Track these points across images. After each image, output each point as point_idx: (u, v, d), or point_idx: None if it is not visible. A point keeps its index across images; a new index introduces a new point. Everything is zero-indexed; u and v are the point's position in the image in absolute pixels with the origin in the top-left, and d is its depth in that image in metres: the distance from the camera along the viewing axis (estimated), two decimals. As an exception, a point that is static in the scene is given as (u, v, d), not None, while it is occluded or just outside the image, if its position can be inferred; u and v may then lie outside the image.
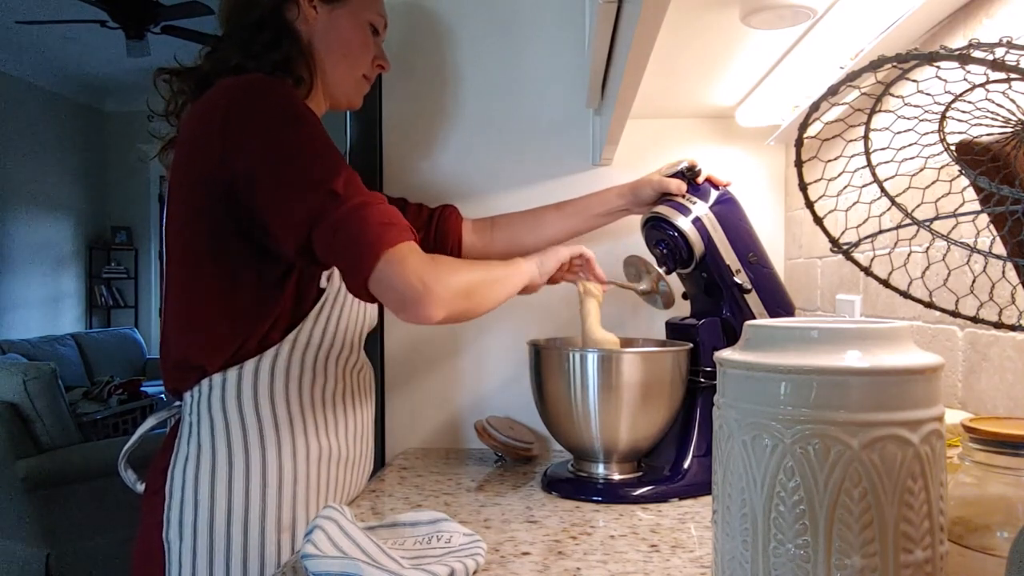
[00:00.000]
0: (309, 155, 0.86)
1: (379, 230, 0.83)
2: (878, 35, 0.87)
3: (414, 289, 0.82)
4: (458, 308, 0.87)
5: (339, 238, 0.83)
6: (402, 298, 0.83)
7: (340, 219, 0.82)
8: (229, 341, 0.92)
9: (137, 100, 6.70)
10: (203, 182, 0.89)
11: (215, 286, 0.91)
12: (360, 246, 0.82)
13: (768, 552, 0.52)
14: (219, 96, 0.90)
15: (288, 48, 0.98)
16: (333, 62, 1.04)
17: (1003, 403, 0.76)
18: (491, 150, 1.39)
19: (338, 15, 1.03)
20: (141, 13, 4.28)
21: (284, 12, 1.00)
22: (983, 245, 0.60)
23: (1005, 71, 0.48)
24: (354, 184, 0.85)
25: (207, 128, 0.89)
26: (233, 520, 0.90)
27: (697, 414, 1.10)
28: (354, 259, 0.83)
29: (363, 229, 0.82)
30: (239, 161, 0.86)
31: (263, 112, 0.87)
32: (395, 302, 0.84)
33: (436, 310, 0.84)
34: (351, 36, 1.05)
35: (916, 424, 0.50)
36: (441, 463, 1.27)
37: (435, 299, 0.83)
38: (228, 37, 1.00)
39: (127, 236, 7.05)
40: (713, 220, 1.12)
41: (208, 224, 0.90)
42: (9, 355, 4.70)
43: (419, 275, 0.83)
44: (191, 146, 0.91)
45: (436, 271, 0.85)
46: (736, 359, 0.55)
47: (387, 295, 0.84)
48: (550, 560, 0.81)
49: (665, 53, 0.96)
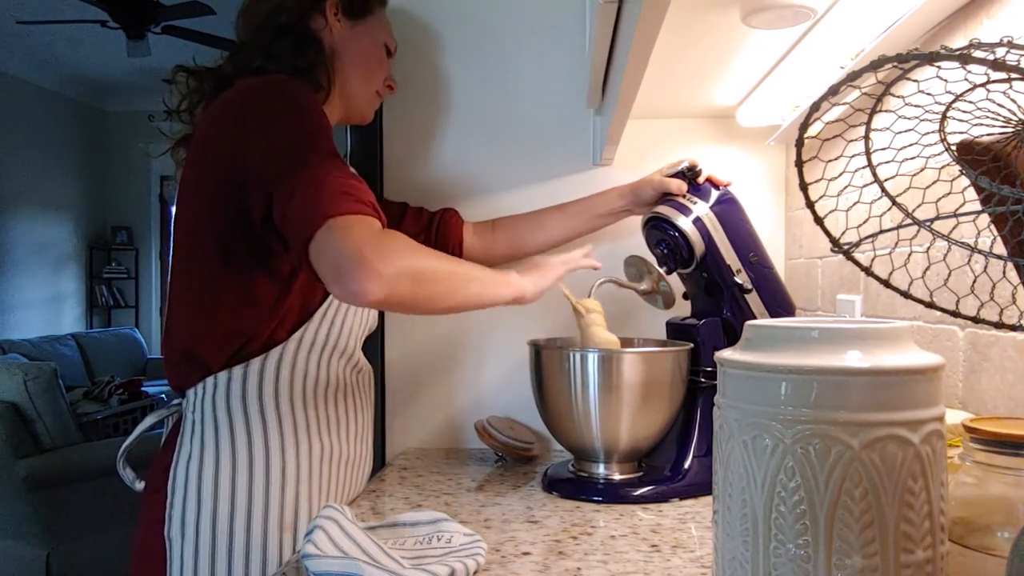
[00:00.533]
0: (294, 131, 0.86)
1: (332, 196, 0.78)
2: (879, 35, 0.86)
3: (349, 260, 0.75)
4: (401, 291, 0.78)
5: (292, 203, 0.80)
6: (336, 268, 0.77)
7: (296, 184, 0.80)
8: (236, 338, 0.93)
9: (137, 100, 6.70)
10: (217, 180, 0.90)
11: (227, 283, 0.92)
12: (308, 210, 0.78)
13: (769, 552, 0.52)
14: (237, 95, 0.91)
15: (313, 56, 1.01)
16: (352, 74, 1.07)
17: (1004, 403, 0.76)
18: (491, 151, 1.39)
19: (359, 31, 1.08)
20: (142, 13, 4.29)
21: (310, 22, 1.04)
22: (984, 245, 0.60)
23: (1006, 71, 0.48)
24: (328, 160, 0.83)
25: (224, 127, 0.90)
26: (235, 518, 0.90)
27: (698, 414, 1.10)
28: (300, 224, 0.79)
29: (317, 193, 0.79)
30: (251, 159, 0.86)
31: (278, 110, 0.88)
32: (329, 273, 0.78)
33: (371, 285, 0.75)
34: (370, 51, 1.09)
35: (917, 424, 0.50)
36: (441, 463, 1.27)
37: (371, 274, 0.75)
38: (252, 41, 1.02)
39: (127, 236, 7.05)
40: (714, 220, 1.12)
41: (221, 221, 0.91)
42: (10, 355, 4.70)
43: (358, 246, 0.76)
44: (207, 143, 0.93)
45: (381, 246, 0.78)
46: (737, 359, 0.55)
47: (322, 264, 0.78)
48: (551, 560, 0.81)
49: (665, 53, 0.96)
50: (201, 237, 0.93)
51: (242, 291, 0.92)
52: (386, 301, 0.78)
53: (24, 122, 5.99)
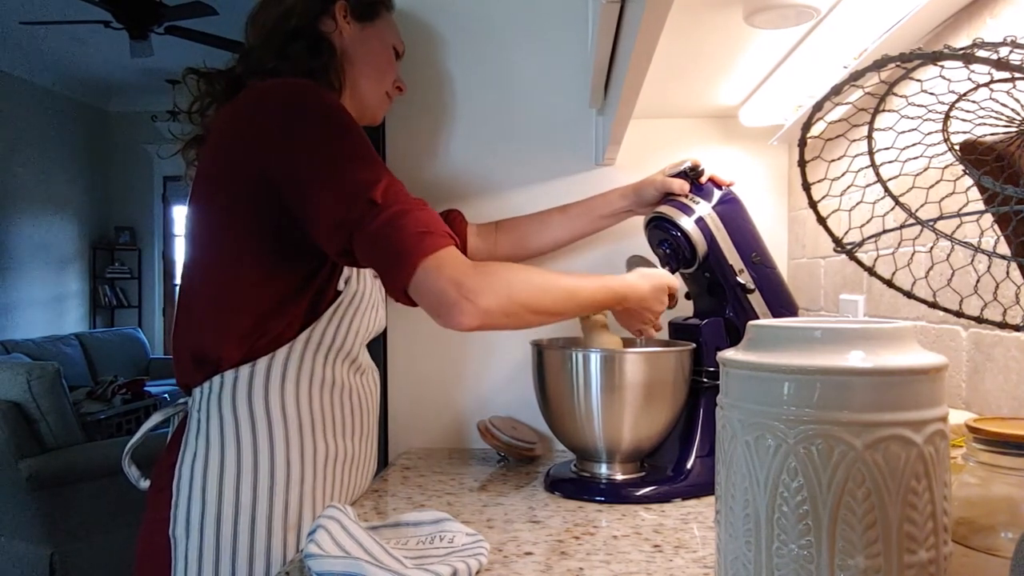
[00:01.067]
0: (350, 160, 0.87)
1: (416, 239, 0.84)
2: (882, 34, 0.86)
3: (448, 296, 0.83)
4: (496, 322, 0.87)
5: (378, 247, 0.84)
6: (437, 304, 0.84)
7: (378, 228, 0.84)
8: (249, 336, 0.93)
9: (141, 100, 6.71)
10: (239, 181, 0.91)
11: (246, 282, 0.93)
12: (398, 255, 0.84)
13: (771, 552, 0.51)
14: (256, 97, 0.93)
15: (325, 58, 1.03)
16: (363, 75, 1.09)
17: (1007, 403, 0.76)
18: (494, 152, 1.39)
19: (368, 33, 1.09)
20: (145, 14, 4.29)
21: (320, 24, 1.05)
22: (987, 245, 0.60)
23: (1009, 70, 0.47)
24: (393, 191, 0.86)
25: (246, 128, 0.91)
26: (240, 517, 0.90)
27: (700, 414, 1.10)
28: (392, 268, 0.84)
29: (401, 239, 0.84)
30: (280, 163, 0.88)
31: (306, 115, 0.89)
32: (431, 308, 0.85)
33: (469, 319, 0.84)
34: (379, 53, 1.11)
35: (920, 424, 0.50)
36: (444, 463, 1.27)
37: (471, 309, 0.83)
38: (264, 43, 1.02)
39: (130, 236, 7.07)
40: (716, 220, 1.12)
41: (242, 222, 0.92)
42: (13, 355, 4.72)
43: (455, 282, 0.83)
44: (225, 145, 0.93)
45: (475, 278, 0.84)
46: (739, 359, 0.55)
47: (424, 301, 0.85)
48: (553, 560, 0.81)
49: (668, 53, 0.95)
50: (222, 236, 0.94)
51: (261, 290, 0.93)
52: (484, 326, 0.86)
53: (27, 122, 6.00)
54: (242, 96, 0.95)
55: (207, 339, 0.94)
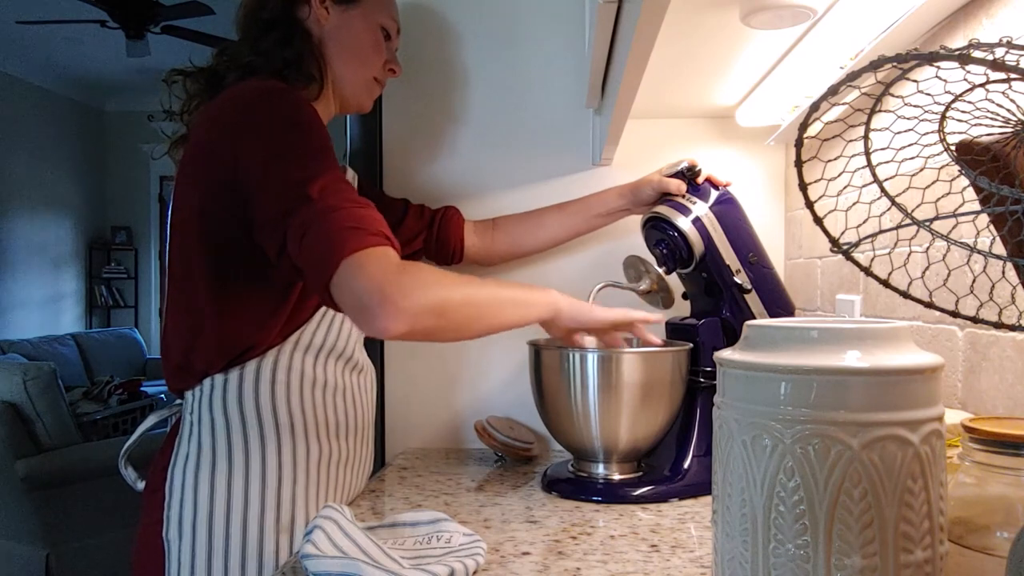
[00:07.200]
0: (293, 159, 0.84)
1: (343, 234, 0.78)
2: (878, 35, 0.87)
3: (371, 298, 0.75)
4: (425, 325, 0.79)
5: (304, 242, 0.79)
6: (358, 307, 0.77)
7: (307, 222, 0.79)
8: (232, 344, 0.92)
9: (137, 100, 6.70)
10: (211, 185, 0.89)
11: (221, 290, 0.91)
12: (322, 251, 0.78)
13: (768, 552, 0.52)
14: (229, 102, 0.91)
15: (299, 47, 0.99)
16: (343, 62, 1.04)
17: (1003, 403, 0.76)
18: (491, 150, 1.39)
19: (350, 16, 1.04)
20: (141, 13, 4.29)
21: (295, 11, 1.02)
22: (983, 245, 0.60)
23: (1005, 71, 0.48)
24: (333, 188, 0.81)
25: (216, 134, 0.89)
26: (232, 519, 0.90)
27: (697, 414, 1.10)
28: (316, 264, 0.79)
29: (327, 233, 0.78)
30: (242, 167, 0.86)
31: (268, 119, 0.87)
32: (352, 310, 0.79)
33: (393, 323, 0.76)
34: (362, 37, 1.05)
35: (916, 424, 0.50)
36: (441, 463, 1.27)
37: (394, 311, 0.75)
38: (241, 37, 1.01)
39: (127, 236, 7.05)
40: (713, 220, 1.12)
41: (215, 228, 0.90)
42: (9, 355, 4.70)
43: (378, 283, 0.76)
44: (200, 150, 0.92)
45: (401, 281, 0.77)
46: (736, 359, 0.55)
47: (345, 302, 0.78)
48: (550, 560, 0.81)
49: (665, 53, 0.96)
50: (196, 243, 0.92)
51: (237, 300, 0.91)
52: (411, 334, 0.79)
53: (23, 122, 5.98)
54: (217, 99, 0.93)
55: (190, 348, 0.93)
